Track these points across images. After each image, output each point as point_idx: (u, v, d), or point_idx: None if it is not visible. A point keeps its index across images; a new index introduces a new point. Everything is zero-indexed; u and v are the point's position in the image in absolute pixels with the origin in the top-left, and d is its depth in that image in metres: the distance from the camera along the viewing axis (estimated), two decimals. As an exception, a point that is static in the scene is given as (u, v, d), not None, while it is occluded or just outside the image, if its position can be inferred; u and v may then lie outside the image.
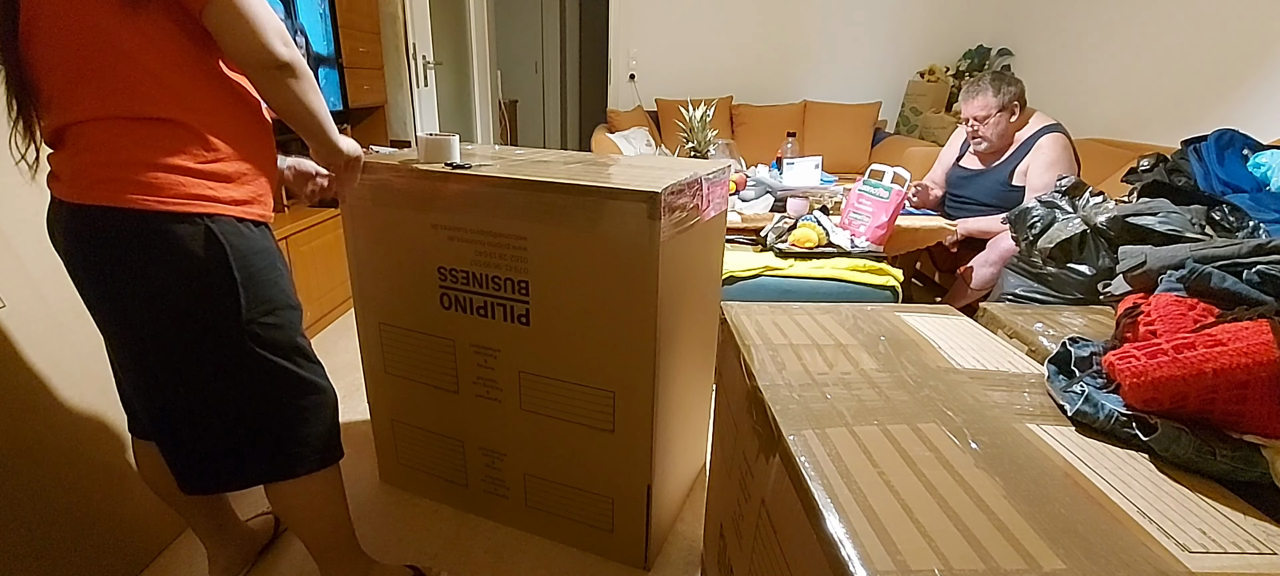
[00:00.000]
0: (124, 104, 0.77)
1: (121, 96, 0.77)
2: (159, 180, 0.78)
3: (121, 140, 0.77)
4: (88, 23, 0.75)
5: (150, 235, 0.79)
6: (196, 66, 0.81)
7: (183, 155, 0.80)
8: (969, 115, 2.08)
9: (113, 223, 0.78)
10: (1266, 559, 0.48)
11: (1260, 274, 0.72)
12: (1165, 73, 2.78)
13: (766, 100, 4.04)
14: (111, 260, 0.80)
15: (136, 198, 0.77)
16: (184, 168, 0.80)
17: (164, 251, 0.80)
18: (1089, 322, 0.99)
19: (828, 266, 1.71)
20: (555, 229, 1.05)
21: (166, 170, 0.79)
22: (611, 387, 1.12)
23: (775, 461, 0.67)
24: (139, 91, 0.77)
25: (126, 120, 0.77)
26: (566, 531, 1.30)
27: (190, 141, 0.80)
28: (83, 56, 0.76)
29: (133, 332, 0.86)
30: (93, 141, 0.78)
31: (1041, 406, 0.71)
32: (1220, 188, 1.34)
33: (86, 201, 0.78)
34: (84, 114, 0.77)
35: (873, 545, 0.48)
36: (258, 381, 0.90)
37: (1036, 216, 1.51)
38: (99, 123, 0.77)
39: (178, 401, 0.89)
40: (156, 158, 0.78)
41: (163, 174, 0.78)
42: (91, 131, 0.78)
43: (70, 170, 0.79)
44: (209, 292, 0.83)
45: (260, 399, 0.91)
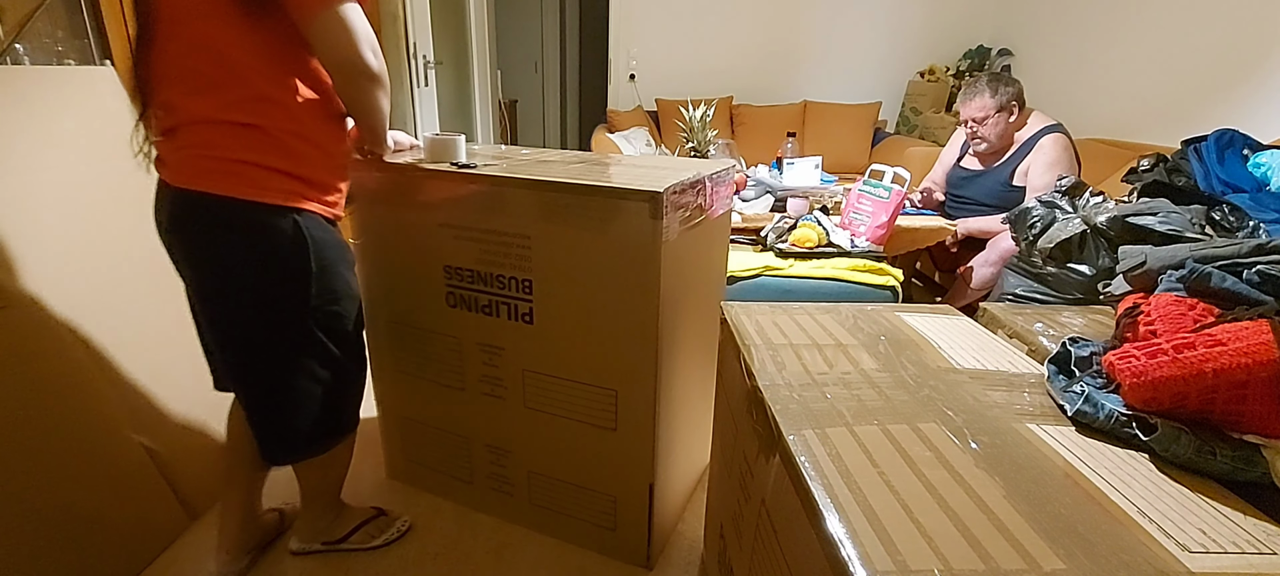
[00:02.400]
0: (232, 113, 0.87)
1: (232, 108, 0.87)
2: (258, 177, 0.89)
3: (228, 141, 0.88)
4: (202, 41, 0.86)
5: (247, 220, 0.90)
6: (298, 81, 0.91)
7: (278, 158, 0.91)
8: (967, 116, 2.07)
9: (214, 206, 0.89)
10: (1266, 559, 0.48)
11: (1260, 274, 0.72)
12: (1165, 73, 2.78)
13: (766, 100, 4.04)
14: (208, 238, 0.91)
15: (239, 188, 0.88)
16: (280, 169, 0.91)
17: (256, 235, 0.91)
18: (1089, 322, 0.99)
19: (828, 266, 1.71)
20: (559, 228, 1.05)
21: (266, 170, 0.90)
22: (614, 386, 1.12)
23: (775, 461, 0.67)
24: (247, 106, 0.88)
25: (234, 125, 0.88)
26: (570, 529, 1.31)
27: (287, 148, 0.91)
28: (197, 70, 0.87)
29: (216, 305, 0.97)
30: (203, 138, 0.88)
31: (1041, 406, 0.71)
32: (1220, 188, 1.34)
33: (194, 187, 0.89)
34: (196, 116, 0.88)
35: (873, 545, 0.48)
36: (319, 360, 1.01)
37: (1036, 216, 1.50)
38: (211, 125, 0.88)
39: (255, 375, 1.01)
40: (258, 159, 0.89)
41: (262, 172, 0.89)
42: (202, 131, 0.88)
43: (177, 160, 0.90)
44: (287, 276, 0.94)
45: (322, 376, 1.02)
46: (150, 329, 1.34)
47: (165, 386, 1.34)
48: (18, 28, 1.40)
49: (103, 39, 1.54)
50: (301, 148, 0.92)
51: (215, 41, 0.86)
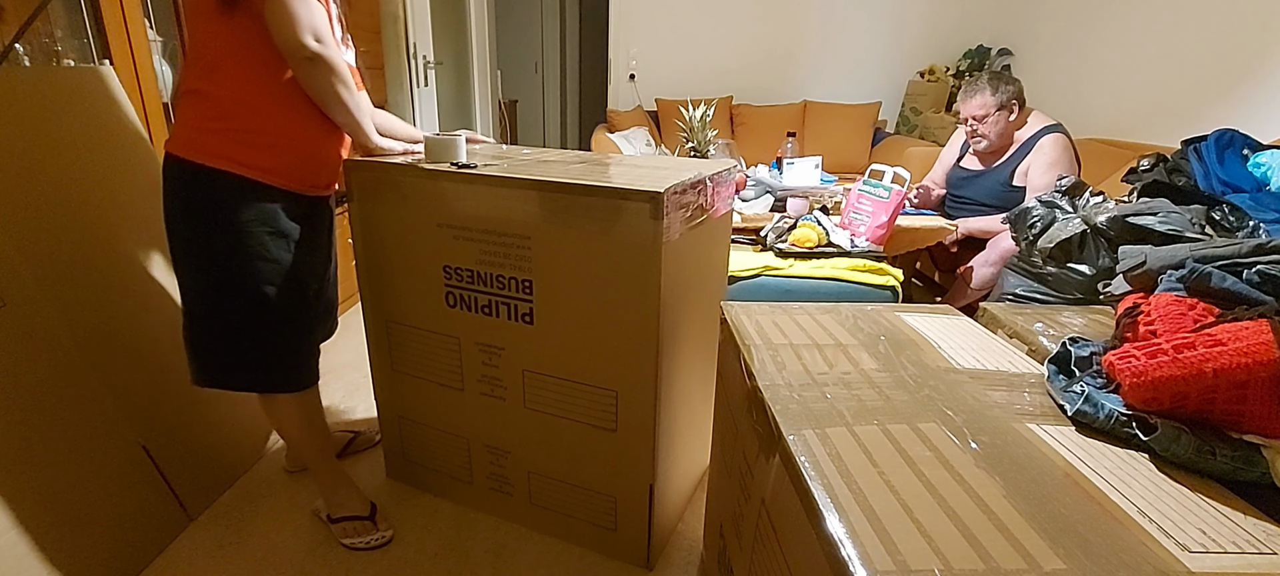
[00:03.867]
0: (194, 82, 1.03)
1: (195, 77, 1.03)
2: (197, 139, 1.03)
3: (187, 109, 1.04)
4: (197, 37, 1.04)
5: (178, 173, 1.04)
6: (267, 66, 1.02)
7: (216, 120, 1.03)
8: (967, 115, 2.07)
9: (165, 164, 1.06)
10: (1266, 559, 0.48)
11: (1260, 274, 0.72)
12: (1165, 73, 2.78)
13: (766, 100, 4.04)
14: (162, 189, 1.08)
15: (182, 148, 1.04)
16: (218, 130, 1.03)
17: (181, 187, 1.05)
18: (1089, 322, 0.99)
19: (828, 266, 1.71)
20: (559, 228, 1.05)
21: (206, 132, 1.03)
22: (614, 387, 1.12)
23: (775, 461, 0.67)
24: (204, 75, 1.02)
25: (191, 93, 1.03)
26: (570, 529, 1.31)
27: (229, 113, 1.02)
28: (190, 60, 1.05)
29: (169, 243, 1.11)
30: (178, 110, 1.07)
31: (1041, 406, 0.71)
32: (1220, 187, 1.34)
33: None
34: (184, 87, 1.06)
35: (873, 545, 0.48)
36: (224, 309, 1.10)
37: (1036, 216, 1.50)
38: (182, 95, 1.06)
39: (183, 300, 1.14)
40: (201, 122, 1.03)
41: (202, 134, 1.03)
42: (179, 103, 1.08)
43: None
44: (201, 227, 1.06)
45: (228, 323, 1.12)
46: (149, 328, 1.34)
47: (164, 386, 1.34)
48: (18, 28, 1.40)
49: (103, 39, 1.53)
50: (249, 118, 1.03)
51: (202, 36, 1.02)
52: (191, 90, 1.03)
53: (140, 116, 1.51)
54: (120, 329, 1.28)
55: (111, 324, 1.26)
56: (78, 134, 1.31)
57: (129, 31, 1.57)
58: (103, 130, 1.36)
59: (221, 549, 1.29)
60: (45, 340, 1.13)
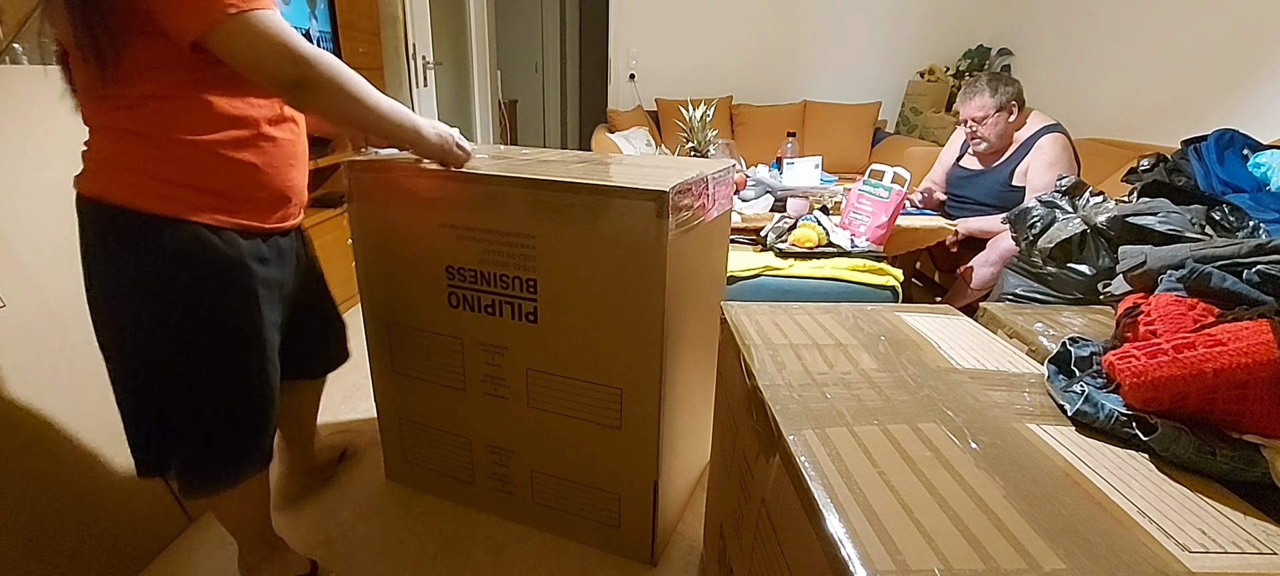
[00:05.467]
0: (118, 118, 0.87)
1: (117, 112, 0.87)
2: (136, 183, 0.87)
3: (112, 145, 0.89)
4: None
5: (119, 227, 0.89)
6: (197, 78, 0.85)
7: (161, 163, 0.86)
8: (967, 116, 2.08)
9: (92, 211, 0.91)
10: (1266, 559, 0.48)
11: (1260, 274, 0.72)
12: (1165, 73, 2.78)
13: (766, 100, 4.04)
14: (83, 243, 0.95)
15: (116, 193, 0.88)
16: (163, 176, 0.86)
17: (122, 244, 0.90)
18: (1089, 322, 0.99)
19: (828, 266, 1.71)
20: (563, 227, 1.05)
21: (147, 176, 0.86)
22: (619, 385, 1.12)
23: (775, 461, 0.67)
24: (132, 111, 0.86)
25: (117, 131, 0.88)
26: (573, 527, 1.31)
27: (173, 153, 0.86)
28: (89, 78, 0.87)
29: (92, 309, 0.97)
30: (95, 144, 0.92)
31: (1041, 406, 0.71)
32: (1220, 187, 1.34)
33: (84, 192, 0.91)
34: (92, 123, 0.92)
35: (873, 545, 0.48)
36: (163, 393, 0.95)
37: (1036, 216, 1.51)
38: (99, 131, 0.91)
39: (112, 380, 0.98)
40: (140, 164, 0.86)
41: (142, 178, 0.86)
42: (95, 138, 0.93)
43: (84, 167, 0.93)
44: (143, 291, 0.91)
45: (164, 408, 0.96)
46: (150, 329, 1.34)
47: (165, 386, 1.34)
48: (17, 28, 1.40)
49: (102, 39, 1.53)
50: (190, 154, 0.84)
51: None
52: (110, 127, 0.86)
53: (140, 116, 1.51)
54: (120, 329, 1.28)
55: (111, 324, 1.26)
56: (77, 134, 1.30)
57: (129, 31, 1.57)
58: (102, 130, 1.36)
59: (222, 549, 1.29)
60: (45, 340, 1.13)
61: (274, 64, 0.80)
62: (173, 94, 0.83)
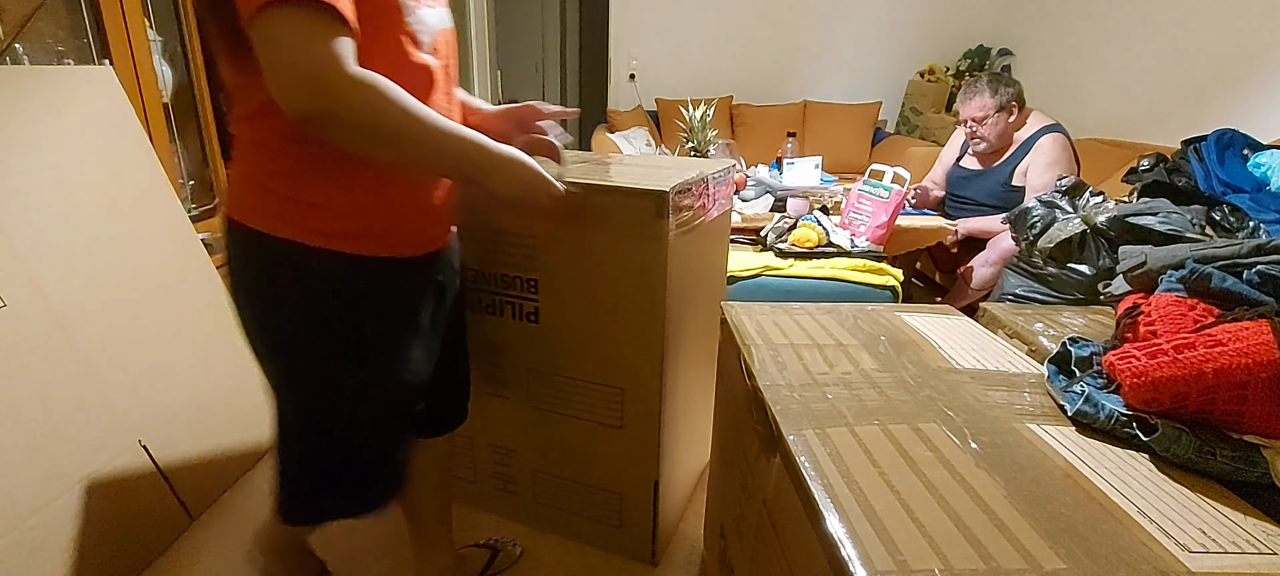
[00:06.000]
0: (244, 128, 0.76)
1: (243, 121, 0.76)
2: (265, 204, 0.74)
3: (248, 162, 0.76)
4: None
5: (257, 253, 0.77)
6: None
7: (283, 182, 0.73)
8: (967, 116, 2.08)
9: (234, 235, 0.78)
10: (1266, 559, 0.48)
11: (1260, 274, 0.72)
12: (1165, 73, 2.78)
13: (766, 100, 4.04)
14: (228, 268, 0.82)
15: (252, 218, 0.75)
16: (290, 196, 0.73)
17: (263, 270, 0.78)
18: (1089, 322, 0.99)
19: (828, 266, 1.71)
20: (564, 227, 1.05)
21: (273, 195, 0.74)
22: (620, 384, 1.12)
23: (776, 461, 0.67)
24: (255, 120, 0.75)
25: (248, 142, 0.76)
26: (575, 527, 1.31)
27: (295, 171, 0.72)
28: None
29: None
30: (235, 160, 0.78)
31: (1042, 406, 0.71)
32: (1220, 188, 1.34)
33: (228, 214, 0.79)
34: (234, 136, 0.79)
35: (873, 544, 0.48)
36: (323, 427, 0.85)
37: (1036, 216, 1.51)
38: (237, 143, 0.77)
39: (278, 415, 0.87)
40: (265, 182, 0.74)
41: (269, 199, 0.74)
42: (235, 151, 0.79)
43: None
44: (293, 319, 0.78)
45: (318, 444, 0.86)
46: (150, 328, 1.34)
47: (165, 386, 1.34)
48: (18, 27, 1.40)
49: (102, 39, 1.53)
50: (315, 175, 0.71)
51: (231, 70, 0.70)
52: (253, 141, 0.73)
53: (140, 116, 1.51)
54: (121, 328, 1.28)
55: (112, 323, 1.26)
56: (78, 134, 1.31)
57: (129, 31, 1.57)
58: (103, 130, 1.36)
59: (223, 548, 1.29)
60: (45, 340, 1.13)
61: (289, 83, 0.59)
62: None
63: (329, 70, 0.59)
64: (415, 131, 0.68)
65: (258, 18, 0.57)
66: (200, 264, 1.52)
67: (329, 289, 0.75)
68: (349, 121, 0.63)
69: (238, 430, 1.51)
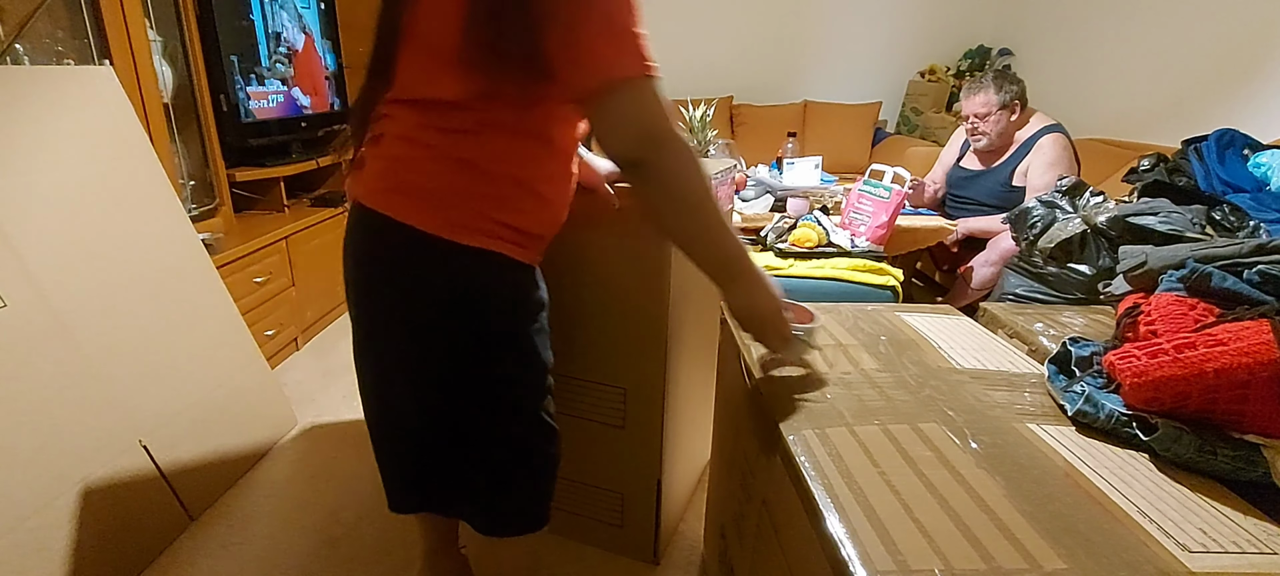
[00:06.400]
0: (443, 139, 0.76)
1: (446, 133, 0.76)
2: (464, 216, 0.75)
3: (433, 165, 0.76)
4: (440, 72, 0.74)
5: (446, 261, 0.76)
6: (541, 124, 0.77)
7: (491, 202, 0.76)
8: (970, 112, 2.08)
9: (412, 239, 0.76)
10: (1267, 558, 0.48)
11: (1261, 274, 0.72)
12: (1165, 73, 2.78)
13: (766, 100, 4.04)
14: (404, 278, 0.79)
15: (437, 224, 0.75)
16: (491, 215, 0.76)
17: (455, 281, 0.78)
18: (1089, 322, 0.99)
19: (828, 266, 1.71)
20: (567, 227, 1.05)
21: (473, 210, 0.76)
22: (622, 384, 1.13)
23: (776, 461, 0.67)
24: (467, 136, 0.75)
25: (445, 155, 0.76)
26: (576, 527, 1.31)
27: (503, 193, 0.77)
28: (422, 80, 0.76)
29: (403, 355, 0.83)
30: (406, 155, 0.78)
31: (1042, 406, 0.71)
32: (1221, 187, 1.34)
33: (388, 212, 0.77)
34: (405, 132, 0.78)
35: (873, 544, 0.48)
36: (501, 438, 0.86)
37: (1037, 216, 1.50)
38: (414, 143, 0.77)
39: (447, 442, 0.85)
40: (467, 190, 0.76)
41: (469, 211, 0.75)
42: (405, 147, 0.78)
43: (373, 173, 0.80)
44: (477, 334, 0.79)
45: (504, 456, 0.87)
46: (150, 328, 1.34)
47: (165, 386, 1.34)
48: (18, 28, 1.40)
49: (103, 39, 1.54)
50: (512, 191, 0.76)
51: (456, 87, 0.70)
52: (458, 159, 0.72)
53: (140, 116, 1.52)
54: (121, 329, 1.28)
55: (112, 324, 1.26)
56: (78, 134, 1.31)
57: (129, 31, 1.57)
58: (103, 130, 1.36)
59: (223, 548, 1.29)
60: (46, 340, 1.14)
61: (633, 137, 0.69)
62: (516, 128, 0.73)
63: (668, 128, 0.70)
64: (709, 208, 0.73)
65: (625, 86, 0.67)
66: (200, 264, 1.52)
67: (532, 292, 0.81)
68: (667, 172, 0.70)
69: (238, 430, 1.51)
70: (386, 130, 0.76)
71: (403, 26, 0.72)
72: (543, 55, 0.66)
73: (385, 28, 0.75)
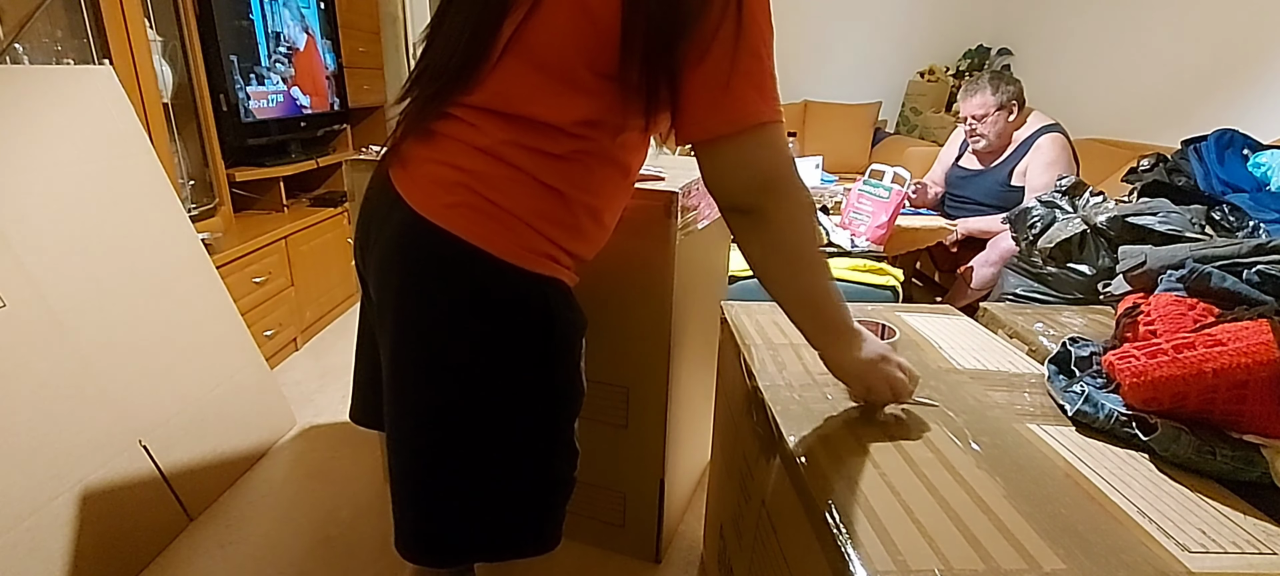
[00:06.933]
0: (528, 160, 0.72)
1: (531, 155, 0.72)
2: (529, 240, 0.72)
3: (510, 187, 0.72)
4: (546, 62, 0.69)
5: (501, 283, 0.73)
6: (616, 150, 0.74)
7: (559, 229, 0.74)
8: (967, 113, 2.08)
9: (469, 257, 0.72)
10: (1266, 559, 0.48)
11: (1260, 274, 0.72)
12: (1165, 73, 2.78)
13: (766, 100, 4.04)
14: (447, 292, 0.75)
15: (503, 247, 0.72)
16: (556, 241, 0.74)
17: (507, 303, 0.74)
18: (1089, 322, 0.99)
19: (828, 266, 1.71)
20: None
21: (540, 236, 0.73)
22: (625, 384, 1.12)
23: (775, 462, 0.67)
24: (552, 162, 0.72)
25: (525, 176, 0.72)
26: (577, 528, 1.30)
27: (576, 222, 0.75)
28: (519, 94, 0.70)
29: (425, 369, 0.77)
30: (479, 170, 0.73)
31: (1042, 406, 0.71)
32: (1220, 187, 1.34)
33: (444, 224, 0.72)
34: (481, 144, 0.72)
35: (873, 545, 0.48)
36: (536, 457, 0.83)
37: (1036, 216, 1.51)
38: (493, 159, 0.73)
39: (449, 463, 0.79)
40: (537, 221, 0.72)
41: (535, 237, 0.72)
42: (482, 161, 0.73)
43: (429, 178, 0.75)
44: (526, 357, 0.76)
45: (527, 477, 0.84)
46: (149, 328, 1.34)
47: (164, 386, 1.34)
48: (18, 27, 1.40)
49: (102, 39, 1.53)
50: (584, 219, 0.74)
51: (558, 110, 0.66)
52: (545, 184, 0.69)
53: (140, 116, 1.52)
54: (120, 328, 1.28)
55: (111, 323, 1.26)
56: (77, 134, 1.31)
57: (129, 31, 1.57)
58: (103, 130, 1.36)
59: (222, 548, 1.29)
60: (45, 340, 1.13)
61: (759, 184, 0.65)
62: (604, 157, 0.72)
63: (790, 175, 0.66)
64: (820, 266, 0.71)
65: (756, 132, 0.63)
66: (200, 264, 1.52)
67: (578, 315, 0.79)
68: (783, 223, 0.66)
69: (237, 430, 1.51)
70: (454, 133, 0.70)
71: (505, 35, 0.66)
72: (681, 94, 0.63)
73: (479, 30, 0.68)
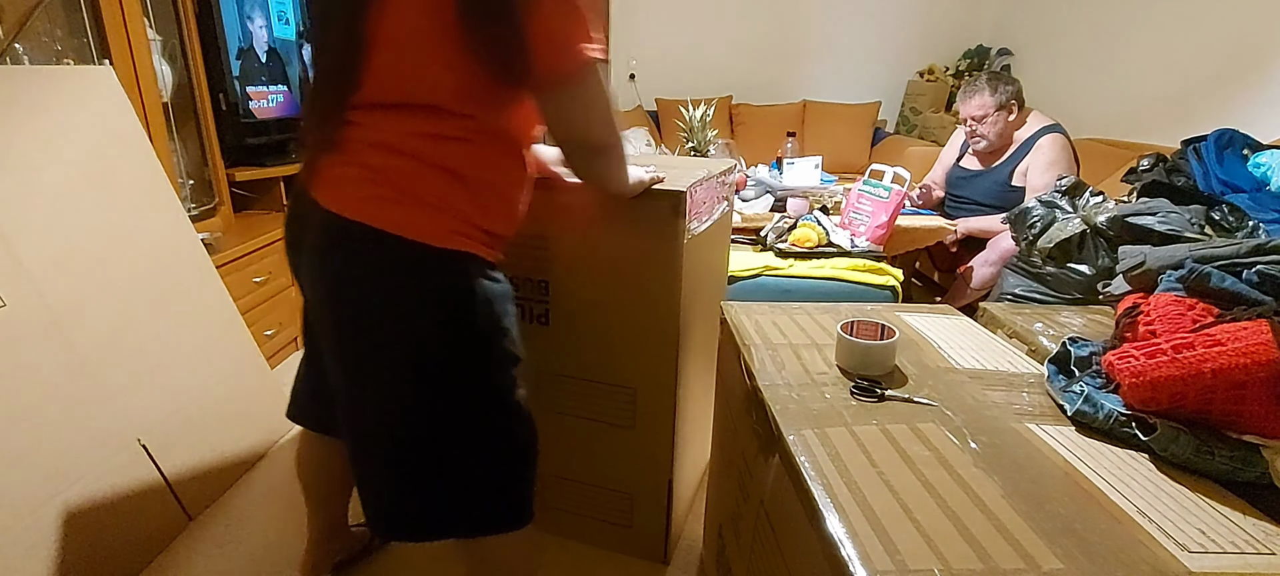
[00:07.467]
0: (421, 146, 0.77)
1: (423, 139, 0.76)
2: (438, 219, 0.76)
3: (411, 174, 0.77)
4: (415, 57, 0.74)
5: (418, 263, 0.76)
6: (497, 117, 0.79)
7: (464, 201, 0.78)
8: (967, 115, 2.08)
9: (385, 244, 0.75)
10: (1265, 559, 0.48)
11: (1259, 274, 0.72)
12: (1165, 73, 2.78)
13: (766, 100, 4.04)
14: (374, 281, 0.79)
15: (414, 229, 0.76)
16: (461, 213, 0.78)
17: (428, 282, 0.78)
18: (1088, 322, 0.99)
19: (828, 266, 1.70)
20: (568, 228, 1.05)
21: (447, 212, 0.77)
22: (632, 384, 1.12)
23: (775, 461, 0.67)
24: (442, 143, 0.77)
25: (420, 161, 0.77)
26: (584, 529, 1.30)
27: (475, 194, 0.79)
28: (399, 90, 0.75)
29: (366, 357, 0.80)
30: (382, 165, 0.77)
31: (1041, 406, 0.71)
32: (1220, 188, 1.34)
33: (361, 219, 0.76)
34: (379, 139, 0.77)
35: (872, 545, 0.48)
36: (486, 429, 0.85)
37: (1036, 216, 1.51)
38: (393, 152, 0.77)
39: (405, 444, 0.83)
40: (440, 200, 0.77)
41: (442, 215, 0.76)
42: (383, 156, 0.78)
43: (340, 180, 0.79)
44: (461, 333, 0.79)
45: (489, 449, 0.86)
46: (149, 328, 1.34)
47: (164, 385, 1.34)
48: (17, 27, 1.40)
49: (102, 39, 1.54)
50: (488, 196, 0.78)
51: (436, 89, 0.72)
52: (445, 167, 0.73)
53: (139, 116, 1.52)
54: (120, 328, 1.28)
55: (111, 323, 1.26)
56: (77, 133, 1.31)
57: (129, 31, 1.57)
58: (103, 130, 1.36)
59: (221, 548, 1.29)
60: (45, 340, 1.13)
61: (599, 122, 0.76)
62: (495, 134, 0.77)
63: (614, 114, 0.78)
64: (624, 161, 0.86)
65: (583, 72, 0.71)
66: (200, 264, 1.52)
67: (503, 286, 0.82)
68: (618, 151, 0.82)
69: (237, 430, 1.51)
70: (355, 137, 0.75)
71: (368, 33, 0.71)
72: (526, 41, 0.68)
73: (344, 35, 0.73)
